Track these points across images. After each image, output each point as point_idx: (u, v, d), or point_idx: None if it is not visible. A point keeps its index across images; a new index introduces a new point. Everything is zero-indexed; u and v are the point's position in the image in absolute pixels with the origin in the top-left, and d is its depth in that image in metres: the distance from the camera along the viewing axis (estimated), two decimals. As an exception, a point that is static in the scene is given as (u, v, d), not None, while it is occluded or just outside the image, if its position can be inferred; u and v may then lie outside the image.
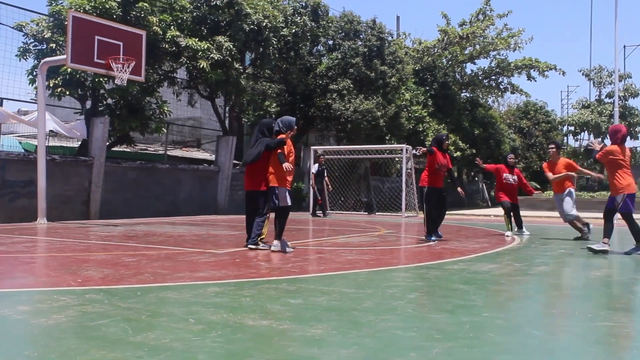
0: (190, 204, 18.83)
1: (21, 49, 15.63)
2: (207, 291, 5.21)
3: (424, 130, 27.69)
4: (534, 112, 44.87)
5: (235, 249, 8.77)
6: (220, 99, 21.87)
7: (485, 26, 31.14)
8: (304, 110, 24.04)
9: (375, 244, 10.08)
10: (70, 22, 13.19)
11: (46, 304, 4.60)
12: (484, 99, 37.22)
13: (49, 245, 9.34)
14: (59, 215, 14.64)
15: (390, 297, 5.07)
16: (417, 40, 32.31)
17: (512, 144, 38.56)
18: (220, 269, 6.58)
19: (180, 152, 23.95)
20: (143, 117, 17.29)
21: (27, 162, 14.48)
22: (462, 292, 5.38)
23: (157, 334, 3.69)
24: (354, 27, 24.08)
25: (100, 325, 3.89)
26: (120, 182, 16.87)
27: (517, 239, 11.46)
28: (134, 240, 9.96)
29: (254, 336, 3.72)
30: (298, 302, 4.80)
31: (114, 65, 13.83)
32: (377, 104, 22.50)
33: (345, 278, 6.19)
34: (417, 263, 7.63)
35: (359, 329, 3.93)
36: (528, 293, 5.62)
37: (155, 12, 16.89)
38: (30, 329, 3.87)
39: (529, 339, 3.81)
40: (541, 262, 7.88)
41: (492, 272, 6.72)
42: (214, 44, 17.83)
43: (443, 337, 3.74)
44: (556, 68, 32.36)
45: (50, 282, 5.70)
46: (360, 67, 22.86)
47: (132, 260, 7.23)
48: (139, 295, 4.99)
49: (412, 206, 21.59)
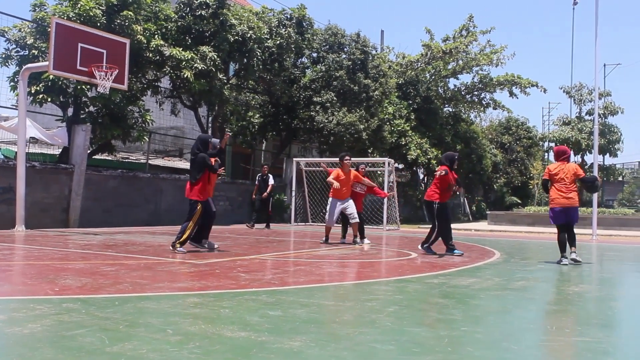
0: (171, 214, 18.73)
1: (3, 55, 15.54)
2: (186, 302, 5.18)
3: (406, 143, 27.82)
4: (515, 128, 45.21)
5: (216, 259, 8.73)
6: (204, 108, 21.84)
7: (468, 42, 31.43)
8: (287, 121, 24.06)
9: (356, 257, 10.09)
10: (54, 29, 13.12)
11: (22, 312, 4.55)
12: (467, 114, 37.47)
13: (27, 253, 9.24)
14: (37, 222, 14.50)
15: (369, 310, 5.07)
16: (400, 55, 32.51)
17: (494, 159, 38.84)
18: (200, 280, 6.54)
19: (162, 162, 23.84)
20: (125, 126, 17.21)
21: (6, 169, 14.35)
22: (441, 306, 5.39)
23: (134, 345, 3.66)
24: (338, 40, 24.18)
25: (77, 335, 3.85)
26: (101, 190, 16.76)
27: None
28: (113, 249, 9.88)
29: (232, 347, 3.70)
30: (277, 314, 4.79)
31: (97, 73, 13.77)
32: (360, 117, 22.58)
33: (325, 290, 6.18)
34: (397, 276, 7.64)
35: (338, 342, 3.92)
36: (507, 308, 5.64)
37: (139, 20, 16.87)
38: (5, 338, 3.82)
39: (507, 353, 3.82)
40: (520, 277, 7.93)
41: (471, 286, 6.74)
42: (198, 54, 17.82)
43: (421, 351, 3.74)
44: (538, 85, 32.71)
45: (26, 291, 5.64)
46: (344, 80, 22.94)
47: (111, 269, 7.17)
48: (117, 305, 4.95)
49: (393, 219, 21.63)
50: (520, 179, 43.62)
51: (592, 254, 12.87)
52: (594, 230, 17.59)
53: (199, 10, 18.63)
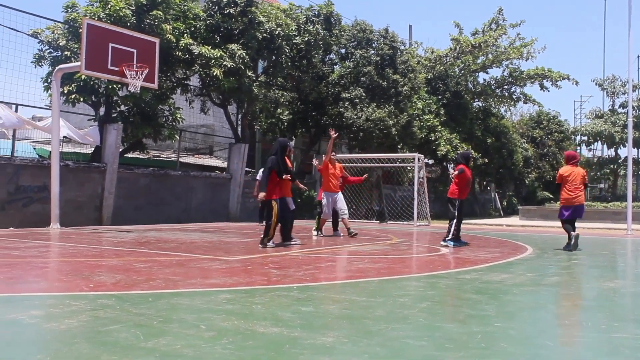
0: (202, 211, 18.88)
1: (36, 55, 15.80)
2: (218, 298, 5.21)
3: (436, 139, 27.66)
4: (546, 122, 44.70)
5: (247, 256, 8.78)
6: (233, 106, 21.94)
7: (497, 35, 31.13)
8: (316, 118, 24.07)
9: (387, 253, 10.06)
10: (85, 30, 13.29)
11: (59, 308, 4.62)
12: (497, 109, 37.15)
13: (62, 250, 9.39)
14: (71, 220, 14.72)
15: (401, 306, 5.05)
16: (429, 49, 32.33)
17: (525, 154, 38.42)
18: (232, 276, 6.58)
19: (192, 159, 24.02)
20: (156, 124, 17.39)
21: (41, 168, 14.59)
22: (474, 302, 5.35)
23: (168, 340, 3.70)
24: (366, 35, 24.11)
25: (112, 331, 3.90)
26: (132, 188, 16.95)
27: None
28: (146, 246, 9.99)
29: (265, 343, 3.71)
30: (309, 309, 4.80)
31: (128, 72, 13.91)
32: (389, 113, 22.50)
33: (356, 286, 6.18)
34: (429, 272, 7.60)
35: (370, 338, 3.91)
36: (540, 303, 5.58)
37: (168, 20, 17.00)
38: (43, 334, 3.89)
39: (541, 349, 3.78)
40: (554, 272, 7.83)
41: (504, 282, 6.68)
42: (227, 52, 17.90)
43: (454, 347, 3.72)
44: (569, 78, 32.29)
45: (62, 287, 5.73)
46: (372, 75, 22.88)
47: (144, 266, 7.25)
48: (150, 301, 5.01)
49: (424, 215, 21.53)
50: (552, 173, 43.05)
51: (627, 249, 12.67)
52: (629, 225, 17.29)
53: (228, 8, 18.72)
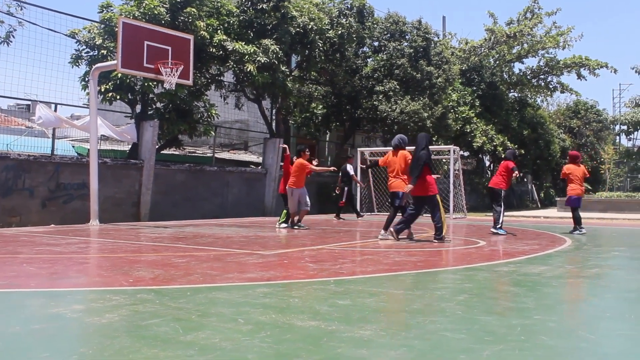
0: (237, 206, 19.00)
1: (74, 55, 16.05)
2: (255, 292, 5.24)
3: (471, 131, 27.40)
4: (584, 112, 43.90)
5: (283, 250, 8.82)
6: (267, 101, 22.02)
7: (533, 24, 30.67)
8: (350, 111, 24.02)
9: (423, 246, 10.00)
10: (121, 29, 13.45)
11: (99, 303, 4.70)
12: (533, 99, 36.62)
13: (102, 246, 9.54)
14: (110, 217, 14.95)
15: (439, 299, 5.03)
16: (463, 40, 31.99)
17: (562, 144, 37.84)
18: (269, 270, 6.62)
19: (227, 155, 24.20)
20: (191, 120, 17.55)
21: (80, 166, 14.84)
22: (512, 294, 5.30)
23: (207, 334, 3.74)
24: (399, 27, 23.96)
25: (152, 325, 3.96)
26: (169, 184, 17.13)
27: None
28: (183, 241, 10.10)
29: (303, 337, 3.73)
30: (346, 303, 4.80)
31: (163, 69, 14.03)
32: (423, 105, 22.34)
33: (393, 279, 6.16)
34: (466, 265, 7.54)
35: (408, 331, 3.90)
36: (580, 295, 5.50)
37: (202, 16, 17.12)
38: (85, 328, 3.97)
39: (582, 342, 3.73)
40: (594, 264, 7.71)
41: (543, 274, 6.59)
42: (261, 47, 17.96)
43: (494, 340, 3.69)
44: (607, 66, 31.65)
45: (103, 282, 5.83)
46: (406, 68, 22.73)
47: (182, 261, 7.33)
48: (188, 295, 5.06)
49: (460, 207, 21.35)
50: (591, 164, 42.33)
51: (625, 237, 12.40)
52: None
53: (260, 3, 18.77)
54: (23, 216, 13.75)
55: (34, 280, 5.91)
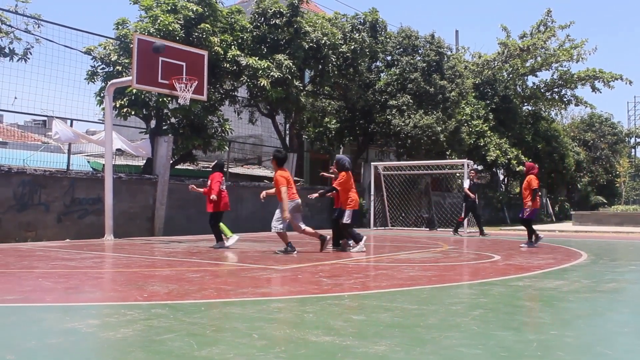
0: (251, 221, 19.01)
1: (89, 72, 16.21)
2: (270, 307, 5.24)
3: (485, 144, 27.34)
4: (599, 124, 43.70)
5: (298, 265, 8.81)
6: (281, 116, 22.09)
7: (546, 38, 30.64)
8: (364, 126, 24.05)
9: (438, 260, 9.96)
10: (136, 45, 13.58)
11: (114, 317, 4.72)
12: (547, 112, 36.49)
13: (116, 261, 9.58)
14: (125, 231, 15.01)
15: (454, 314, 4.99)
16: (476, 54, 32.01)
17: (577, 158, 37.63)
18: (283, 285, 6.61)
19: (241, 170, 24.25)
20: (205, 136, 17.64)
21: (95, 181, 14.93)
22: (528, 309, 5.26)
23: (221, 349, 3.73)
24: (412, 42, 24.01)
25: (166, 340, 3.96)
26: (183, 199, 17.17)
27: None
28: (197, 256, 10.11)
29: (317, 352, 3.71)
30: (361, 318, 4.78)
31: (177, 85, 14.14)
32: (437, 119, 22.34)
33: (407, 294, 6.13)
34: (481, 279, 7.50)
35: (423, 346, 3.88)
36: (598, 310, 5.44)
37: (216, 32, 17.25)
38: (100, 342, 3.97)
39: (601, 358, 3.69)
40: (610, 278, 7.64)
41: (559, 288, 6.54)
42: (274, 63, 18.05)
43: (510, 356, 3.65)
44: (622, 78, 31.50)
45: (117, 297, 5.84)
46: (419, 82, 22.75)
47: (196, 276, 7.34)
48: (203, 310, 5.06)
49: (473, 222, 21.25)
50: (606, 177, 42.07)
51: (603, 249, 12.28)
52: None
53: (273, 19, 18.89)
54: (39, 231, 13.84)
55: (49, 294, 5.94)
